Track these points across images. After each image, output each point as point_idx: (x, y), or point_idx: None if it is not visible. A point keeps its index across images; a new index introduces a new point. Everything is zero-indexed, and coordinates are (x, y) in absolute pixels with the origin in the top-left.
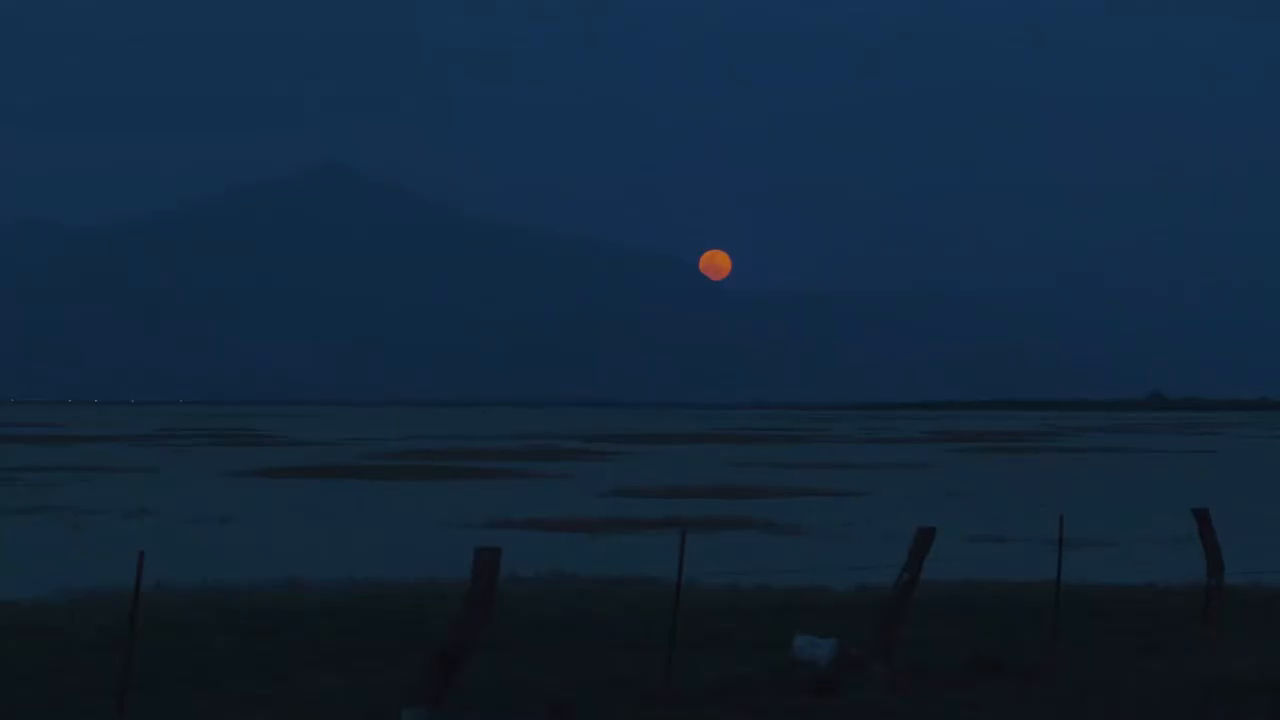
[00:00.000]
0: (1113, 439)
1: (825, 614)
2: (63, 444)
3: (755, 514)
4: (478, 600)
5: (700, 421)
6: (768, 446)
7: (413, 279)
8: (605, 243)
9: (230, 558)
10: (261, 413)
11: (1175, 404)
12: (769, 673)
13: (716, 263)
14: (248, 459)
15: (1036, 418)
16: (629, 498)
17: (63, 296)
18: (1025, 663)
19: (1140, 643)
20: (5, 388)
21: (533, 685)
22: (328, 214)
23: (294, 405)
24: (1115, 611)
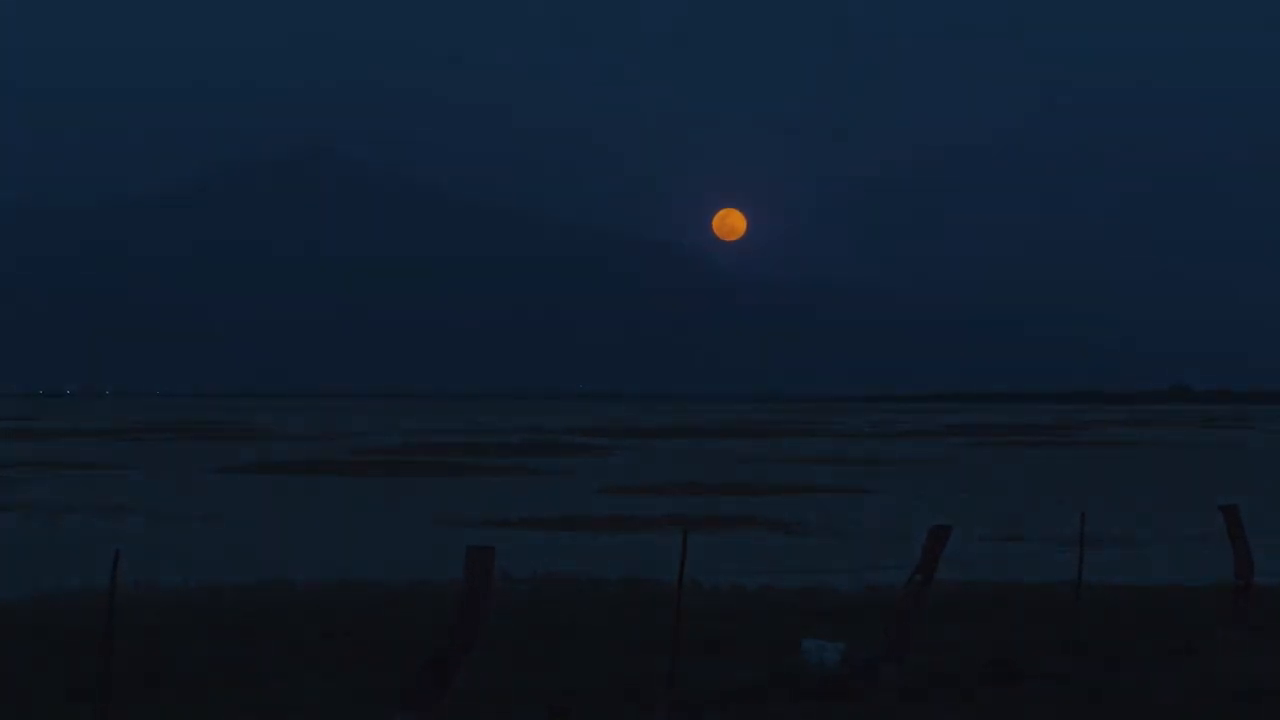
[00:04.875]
0: (1136, 433)
1: (833, 616)
2: (34, 438)
3: (760, 512)
4: (471, 601)
5: (703, 415)
6: (774, 440)
7: (406, 266)
8: (605, 229)
9: (214, 557)
10: (247, 405)
11: (1201, 395)
12: (775, 677)
13: (730, 222)
14: (232, 454)
15: (1055, 410)
16: (629, 495)
17: (34, 281)
18: (1045, 669)
19: (1166, 646)
20: None
21: (530, 689)
22: (316, 198)
23: (281, 397)
24: (1140, 614)
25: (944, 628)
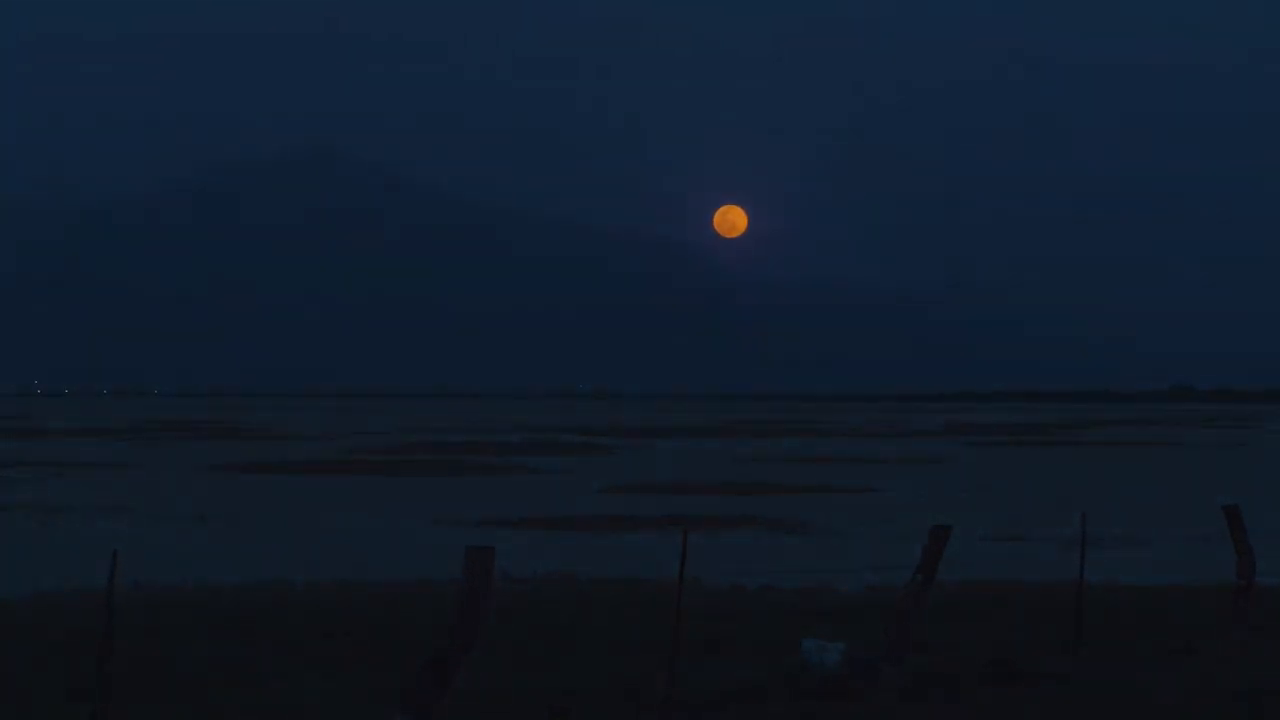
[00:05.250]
0: (1138, 432)
1: (834, 616)
2: (32, 437)
3: (761, 511)
4: (471, 601)
5: (703, 413)
6: (774, 440)
7: (404, 263)
8: (603, 225)
9: (210, 557)
10: (244, 404)
11: (1204, 394)
12: (775, 677)
13: (731, 219)
14: (228, 453)
15: (1058, 410)
16: (629, 494)
17: (31, 280)
18: (1045, 669)
19: (1167, 647)
20: None
21: (529, 691)
22: (313, 195)
23: (278, 396)
24: (1141, 614)
25: (945, 628)
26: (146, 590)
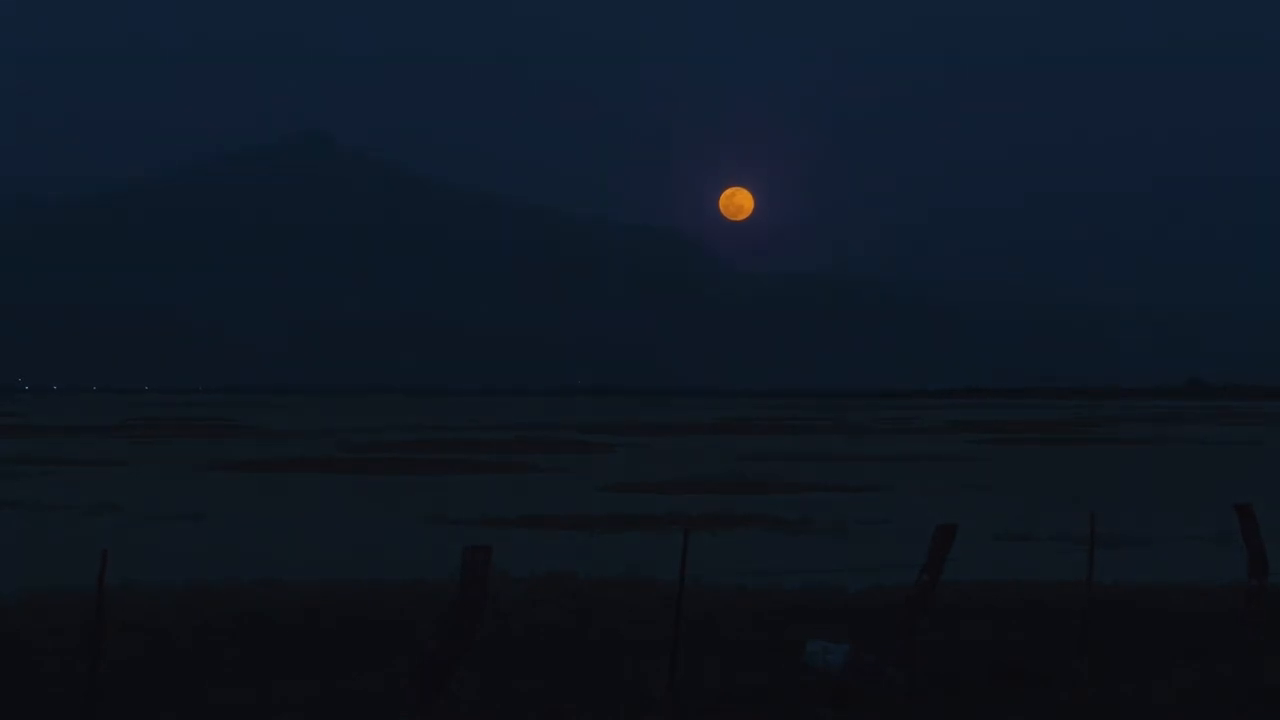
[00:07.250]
0: (1149, 429)
1: (839, 617)
2: (21, 435)
3: (764, 510)
4: (468, 603)
5: (705, 410)
6: (778, 437)
7: (399, 256)
8: (604, 217)
9: (202, 557)
10: (236, 401)
11: (1216, 391)
12: (778, 680)
13: (738, 201)
14: (221, 451)
15: (1066, 406)
16: (629, 493)
17: (20, 273)
18: (1053, 670)
19: (1177, 648)
20: None
21: (527, 693)
22: (309, 188)
23: (271, 393)
24: (1150, 615)
25: (951, 628)
26: (137, 590)
